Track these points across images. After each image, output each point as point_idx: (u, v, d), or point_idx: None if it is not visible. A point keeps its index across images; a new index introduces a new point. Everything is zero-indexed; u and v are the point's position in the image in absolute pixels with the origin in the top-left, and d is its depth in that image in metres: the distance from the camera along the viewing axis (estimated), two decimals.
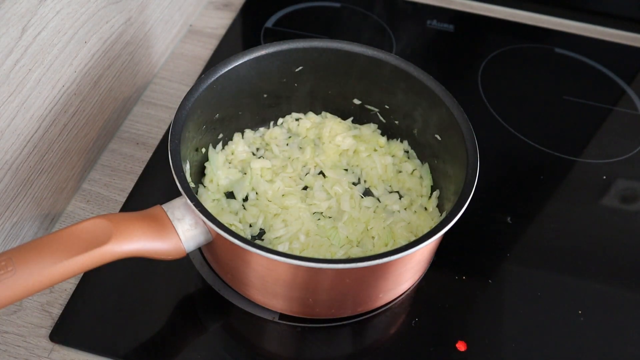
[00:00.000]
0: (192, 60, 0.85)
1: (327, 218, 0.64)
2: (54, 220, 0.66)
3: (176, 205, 0.52)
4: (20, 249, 0.46)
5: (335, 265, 0.49)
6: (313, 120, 0.72)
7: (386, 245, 0.62)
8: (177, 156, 0.54)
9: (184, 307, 0.60)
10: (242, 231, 0.63)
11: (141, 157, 0.73)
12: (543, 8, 0.98)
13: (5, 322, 0.58)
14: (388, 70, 0.64)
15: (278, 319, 0.59)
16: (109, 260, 0.48)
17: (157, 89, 0.81)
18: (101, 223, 0.48)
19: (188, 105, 0.58)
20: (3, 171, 0.56)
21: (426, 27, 0.93)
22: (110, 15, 0.67)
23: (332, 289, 0.54)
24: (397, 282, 0.57)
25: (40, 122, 0.60)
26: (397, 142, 0.71)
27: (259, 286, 0.56)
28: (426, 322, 0.60)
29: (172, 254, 0.52)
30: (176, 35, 0.86)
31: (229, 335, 0.58)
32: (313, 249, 0.61)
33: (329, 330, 0.59)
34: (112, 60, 0.70)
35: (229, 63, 0.62)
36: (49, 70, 0.59)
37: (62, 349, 0.56)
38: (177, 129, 0.56)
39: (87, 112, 0.68)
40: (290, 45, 0.64)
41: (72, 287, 0.60)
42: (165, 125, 0.76)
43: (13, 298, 0.44)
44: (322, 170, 0.69)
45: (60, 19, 0.59)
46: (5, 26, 0.52)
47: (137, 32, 0.74)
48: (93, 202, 0.68)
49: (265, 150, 0.71)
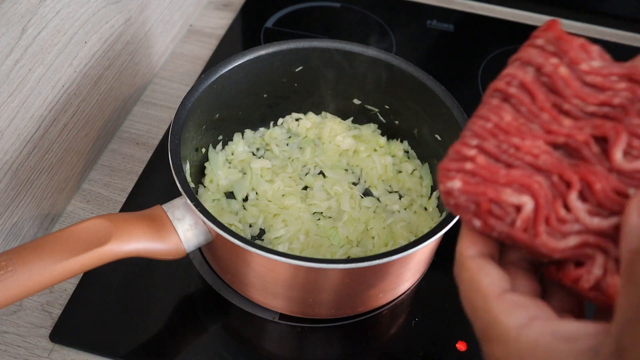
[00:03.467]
0: (192, 60, 0.85)
1: (327, 218, 0.64)
2: (54, 220, 0.66)
3: (176, 205, 0.52)
4: (20, 249, 0.46)
5: (335, 265, 0.49)
6: (313, 120, 0.72)
7: (386, 245, 0.62)
8: (177, 156, 0.54)
9: (184, 307, 0.60)
10: (242, 231, 0.63)
11: (141, 157, 0.73)
12: (543, 8, 0.98)
13: (5, 322, 0.58)
14: (388, 71, 0.64)
15: (278, 319, 0.59)
16: (109, 260, 0.48)
17: (157, 89, 0.81)
18: (101, 223, 0.48)
19: (188, 105, 0.58)
20: (3, 171, 0.56)
21: (426, 27, 0.93)
22: (110, 15, 0.67)
23: (331, 289, 0.54)
24: (397, 282, 0.57)
25: (40, 122, 0.60)
26: (397, 142, 0.71)
27: (259, 286, 0.56)
28: (426, 322, 0.60)
29: (172, 254, 0.52)
30: (176, 35, 0.86)
31: (229, 335, 0.58)
32: (313, 249, 0.61)
33: (329, 330, 0.59)
34: (112, 60, 0.70)
35: (229, 63, 0.62)
36: (49, 70, 0.59)
37: (62, 349, 0.56)
38: (177, 129, 0.56)
39: (87, 112, 0.68)
40: (290, 45, 0.64)
41: (72, 287, 0.60)
42: (165, 125, 0.76)
43: (13, 298, 0.44)
44: (322, 170, 0.69)
45: (60, 19, 0.59)
46: (5, 26, 0.52)
47: (137, 32, 0.74)
48: (93, 202, 0.68)
49: (265, 150, 0.71)
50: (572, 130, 0.30)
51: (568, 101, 0.31)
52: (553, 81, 0.31)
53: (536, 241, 0.29)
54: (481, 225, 0.31)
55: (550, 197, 0.29)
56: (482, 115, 0.32)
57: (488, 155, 0.31)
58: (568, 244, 0.29)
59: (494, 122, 0.31)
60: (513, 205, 0.29)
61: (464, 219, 0.32)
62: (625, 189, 0.29)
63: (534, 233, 0.29)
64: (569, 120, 0.31)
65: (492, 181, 0.30)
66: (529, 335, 0.28)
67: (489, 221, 0.30)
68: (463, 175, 0.31)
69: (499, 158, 0.31)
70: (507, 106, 0.32)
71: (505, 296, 0.30)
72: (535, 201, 0.29)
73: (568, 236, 0.29)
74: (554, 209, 0.29)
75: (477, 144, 0.31)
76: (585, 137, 0.30)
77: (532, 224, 0.29)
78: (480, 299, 0.30)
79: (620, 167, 0.29)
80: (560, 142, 0.30)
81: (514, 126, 0.31)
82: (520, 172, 0.30)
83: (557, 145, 0.31)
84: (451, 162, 0.31)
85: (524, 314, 0.29)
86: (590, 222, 0.29)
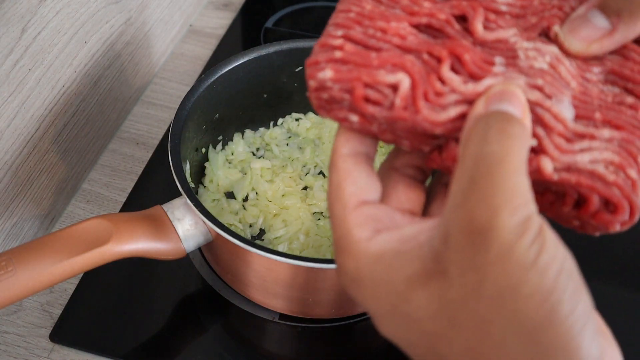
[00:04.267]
0: (192, 60, 0.85)
1: (327, 218, 0.64)
2: (54, 220, 0.66)
3: (176, 205, 0.52)
4: (20, 249, 0.46)
5: (335, 265, 0.49)
6: (313, 120, 0.72)
7: None
8: (177, 156, 0.54)
9: (184, 307, 0.60)
10: (242, 231, 0.63)
11: (141, 157, 0.73)
12: None
13: (5, 322, 0.58)
14: None
15: (278, 319, 0.59)
16: (109, 260, 0.48)
17: (157, 89, 0.81)
18: (101, 223, 0.49)
19: (188, 105, 0.58)
20: (3, 171, 0.56)
21: None
22: (110, 15, 0.67)
23: (331, 289, 0.54)
24: None
25: (40, 122, 0.60)
26: None
27: (259, 286, 0.56)
28: None
29: (172, 254, 0.52)
30: (176, 35, 0.86)
31: (229, 335, 0.58)
32: (313, 249, 0.61)
33: (329, 330, 0.59)
34: (112, 60, 0.70)
35: (229, 63, 0.62)
36: (49, 70, 0.59)
37: (62, 349, 0.56)
38: (177, 129, 0.56)
39: (87, 112, 0.68)
40: (290, 45, 0.64)
41: (72, 287, 0.60)
42: (165, 125, 0.76)
43: (13, 298, 0.44)
44: (322, 170, 0.69)
45: (60, 19, 0.59)
46: (5, 26, 0.52)
47: (137, 32, 0.74)
48: (93, 202, 0.68)
49: (265, 150, 0.71)
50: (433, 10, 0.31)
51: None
52: None
53: (418, 117, 0.28)
54: (359, 119, 0.30)
55: (424, 73, 0.29)
56: (343, 8, 0.32)
57: (355, 42, 0.30)
58: (449, 114, 0.28)
59: (356, 12, 0.31)
60: (389, 84, 0.29)
61: (339, 117, 0.30)
62: (492, 58, 0.29)
63: (414, 109, 0.28)
64: (428, 3, 0.31)
65: (365, 65, 0.29)
66: (375, 246, 0.27)
67: (366, 110, 0.29)
68: (333, 64, 0.30)
69: (367, 44, 0.30)
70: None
71: (362, 208, 0.29)
72: (411, 78, 0.29)
73: (447, 107, 0.29)
74: (430, 83, 0.29)
75: (343, 34, 0.31)
76: (446, 16, 0.31)
77: (411, 100, 0.29)
78: (340, 208, 0.29)
79: (483, 37, 0.30)
80: (424, 22, 0.31)
81: (377, 12, 0.31)
82: (391, 54, 0.30)
83: (421, 28, 0.31)
84: (319, 54, 0.30)
85: (374, 226, 0.28)
86: (465, 89, 0.29)
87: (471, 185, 0.25)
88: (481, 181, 0.24)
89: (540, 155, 0.28)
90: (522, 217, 0.24)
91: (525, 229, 0.24)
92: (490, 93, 0.28)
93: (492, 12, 0.31)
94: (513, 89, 0.28)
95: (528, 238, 0.24)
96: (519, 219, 0.24)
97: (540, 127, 0.28)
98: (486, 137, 0.25)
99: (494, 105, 0.27)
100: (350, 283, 0.29)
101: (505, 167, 0.24)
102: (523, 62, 0.29)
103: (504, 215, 0.24)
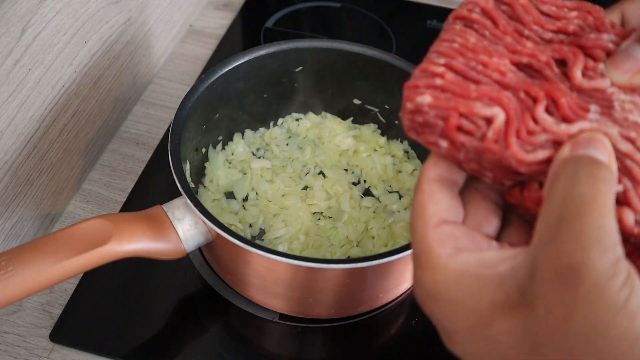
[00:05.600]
0: (192, 60, 0.85)
1: (327, 218, 0.64)
2: (54, 220, 0.66)
3: (176, 205, 0.52)
4: (20, 249, 0.46)
5: (335, 265, 0.49)
6: (313, 120, 0.72)
7: (386, 245, 0.62)
8: (177, 156, 0.54)
9: (184, 307, 0.60)
10: (242, 231, 0.63)
11: (141, 157, 0.73)
12: None
13: (5, 322, 0.58)
14: (388, 71, 0.64)
15: (278, 319, 0.59)
16: (109, 260, 0.48)
17: (157, 89, 0.81)
18: (101, 223, 0.49)
19: (188, 105, 0.58)
20: (3, 171, 0.56)
21: (426, 27, 0.93)
22: (110, 15, 0.67)
23: (332, 289, 0.54)
24: (397, 282, 0.57)
25: (40, 122, 0.60)
26: (397, 142, 0.71)
27: (259, 286, 0.56)
28: (426, 322, 0.59)
29: (172, 254, 0.52)
30: (176, 35, 0.86)
31: (229, 335, 0.58)
32: (313, 249, 0.61)
33: (329, 330, 0.59)
34: (112, 60, 0.70)
35: (229, 63, 0.62)
36: (49, 70, 0.59)
37: (62, 349, 0.56)
38: (177, 129, 0.56)
39: (87, 112, 0.68)
40: (290, 45, 0.64)
41: (72, 287, 0.60)
42: (165, 125, 0.76)
43: (13, 298, 0.44)
44: (322, 170, 0.69)
45: (60, 19, 0.59)
46: (5, 26, 0.52)
47: (137, 32, 0.74)
48: (93, 202, 0.68)
49: (265, 150, 0.71)
50: (535, 51, 0.31)
51: (528, 27, 0.32)
52: (513, 9, 0.33)
53: (506, 152, 0.29)
54: (448, 145, 0.30)
55: (519, 111, 0.30)
56: (447, 38, 0.32)
57: (456, 72, 0.31)
58: (537, 156, 0.29)
59: (460, 43, 0.32)
60: (484, 117, 0.29)
61: (429, 141, 0.31)
62: (587, 106, 0.30)
63: (505, 144, 0.29)
64: (531, 44, 0.32)
65: (463, 96, 0.30)
66: (455, 264, 0.28)
67: (457, 139, 0.30)
68: (432, 90, 0.30)
69: (467, 75, 0.31)
70: (470, 30, 0.33)
71: (443, 227, 0.30)
72: (507, 113, 0.29)
73: (537, 149, 0.29)
74: (523, 122, 0.29)
75: (445, 63, 0.31)
76: (547, 58, 0.31)
77: (504, 135, 0.29)
78: (421, 225, 0.30)
79: (581, 85, 0.31)
80: (524, 62, 0.31)
81: (479, 46, 0.32)
82: (489, 88, 0.30)
83: (521, 67, 0.32)
84: (419, 79, 0.31)
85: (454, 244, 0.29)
86: (557, 129, 0.29)
87: (560, 224, 0.25)
88: (570, 220, 0.25)
89: (623, 207, 0.28)
90: (613, 258, 0.24)
91: (616, 271, 0.24)
92: (578, 138, 0.28)
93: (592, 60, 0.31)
94: (600, 137, 0.28)
95: (619, 280, 0.24)
96: (610, 260, 0.24)
97: (628, 178, 0.28)
98: (575, 178, 0.26)
99: (580, 150, 0.28)
100: (427, 297, 0.30)
101: (595, 208, 0.25)
102: (618, 113, 0.30)
103: (594, 255, 0.24)
